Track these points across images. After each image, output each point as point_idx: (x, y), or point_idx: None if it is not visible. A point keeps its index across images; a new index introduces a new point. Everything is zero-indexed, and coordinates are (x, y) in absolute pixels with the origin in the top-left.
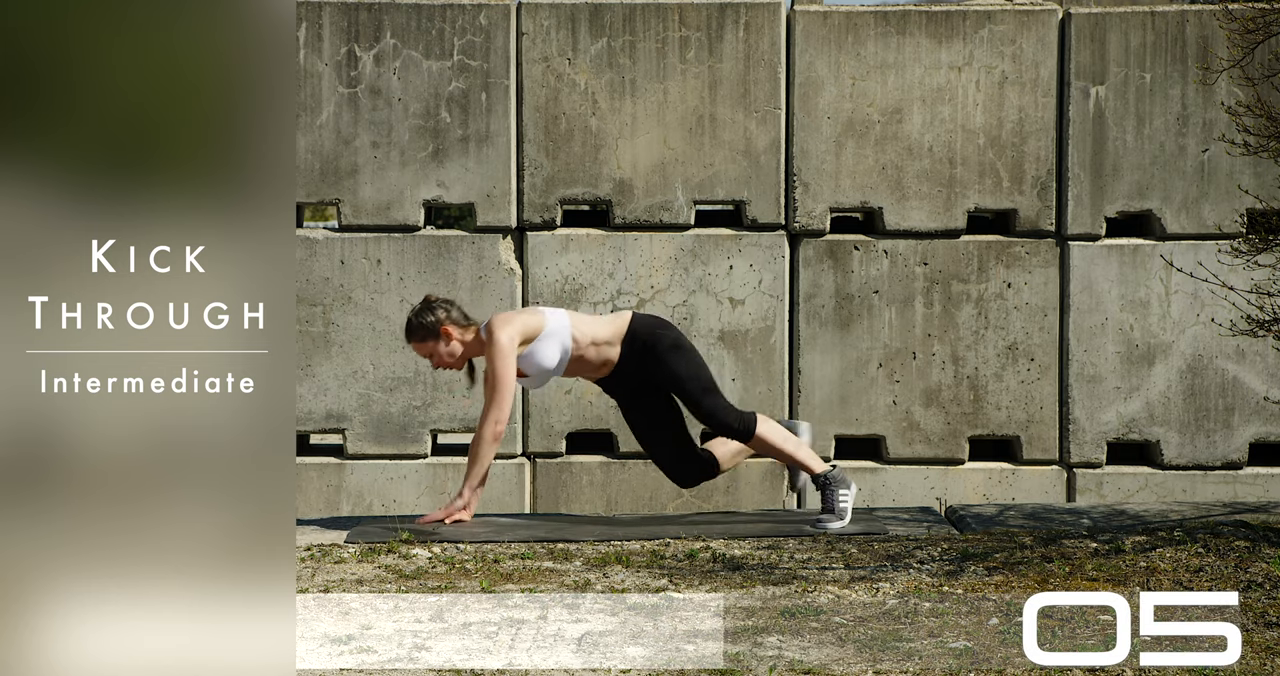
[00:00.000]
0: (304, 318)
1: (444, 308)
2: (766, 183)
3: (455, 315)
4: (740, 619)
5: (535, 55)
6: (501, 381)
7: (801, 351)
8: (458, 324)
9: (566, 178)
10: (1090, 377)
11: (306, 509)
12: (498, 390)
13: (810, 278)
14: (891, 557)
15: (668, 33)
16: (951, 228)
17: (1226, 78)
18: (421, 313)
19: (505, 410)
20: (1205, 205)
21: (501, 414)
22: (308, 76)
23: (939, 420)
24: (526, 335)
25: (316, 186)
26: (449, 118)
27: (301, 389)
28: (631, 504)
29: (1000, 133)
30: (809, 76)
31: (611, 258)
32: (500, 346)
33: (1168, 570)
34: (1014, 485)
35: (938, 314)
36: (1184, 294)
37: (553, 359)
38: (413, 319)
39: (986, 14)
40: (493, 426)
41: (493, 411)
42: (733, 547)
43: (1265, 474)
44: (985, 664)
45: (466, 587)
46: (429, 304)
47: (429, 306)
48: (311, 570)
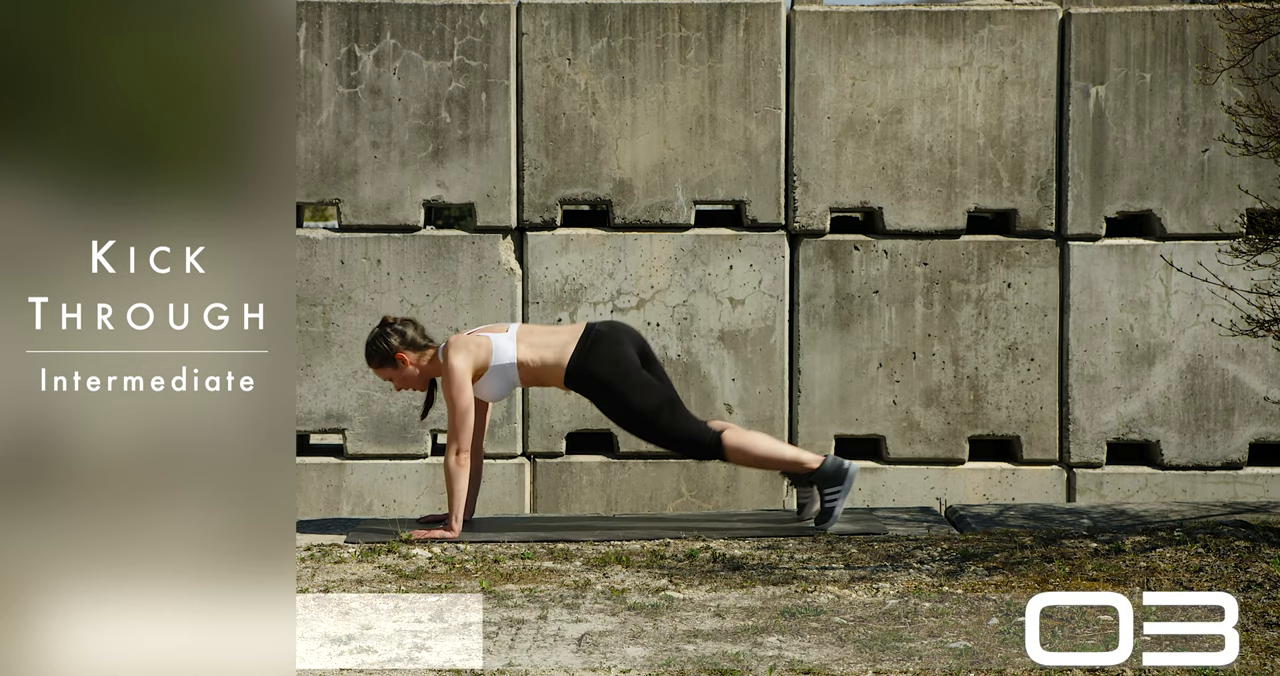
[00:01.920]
0: (304, 317)
1: (398, 333)
2: (766, 183)
3: (410, 338)
4: (740, 619)
5: (535, 55)
6: (455, 411)
7: (801, 351)
8: (414, 348)
9: (566, 178)
10: (1090, 377)
11: (306, 509)
12: (453, 418)
13: (810, 278)
14: (891, 557)
15: (668, 33)
16: (951, 228)
17: (1226, 78)
18: (376, 339)
19: (464, 439)
20: (1205, 205)
21: (461, 443)
22: (308, 76)
23: (939, 420)
24: (477, 367)
25: (316, 186)
26: (449, 118)
27: (301, 389)
28: (631, 504)
29: (1000, 133)
30: (809, 76)
31: (611, 258)
32: (454, 376)
33: (1168, 570)
34: (1014, 485)
35: (938, 314)
36: (1184, 294)
37: (501, 389)
38: (369, 344)
39: (986, 14)
40: (453, 456)
41: (451, 442)
42: (733, 547)
43: (1265, 474)
44: (985, 664)
45: (466, 587)
46: (384, 329)
47: (384, 332)
48: (311, 570)
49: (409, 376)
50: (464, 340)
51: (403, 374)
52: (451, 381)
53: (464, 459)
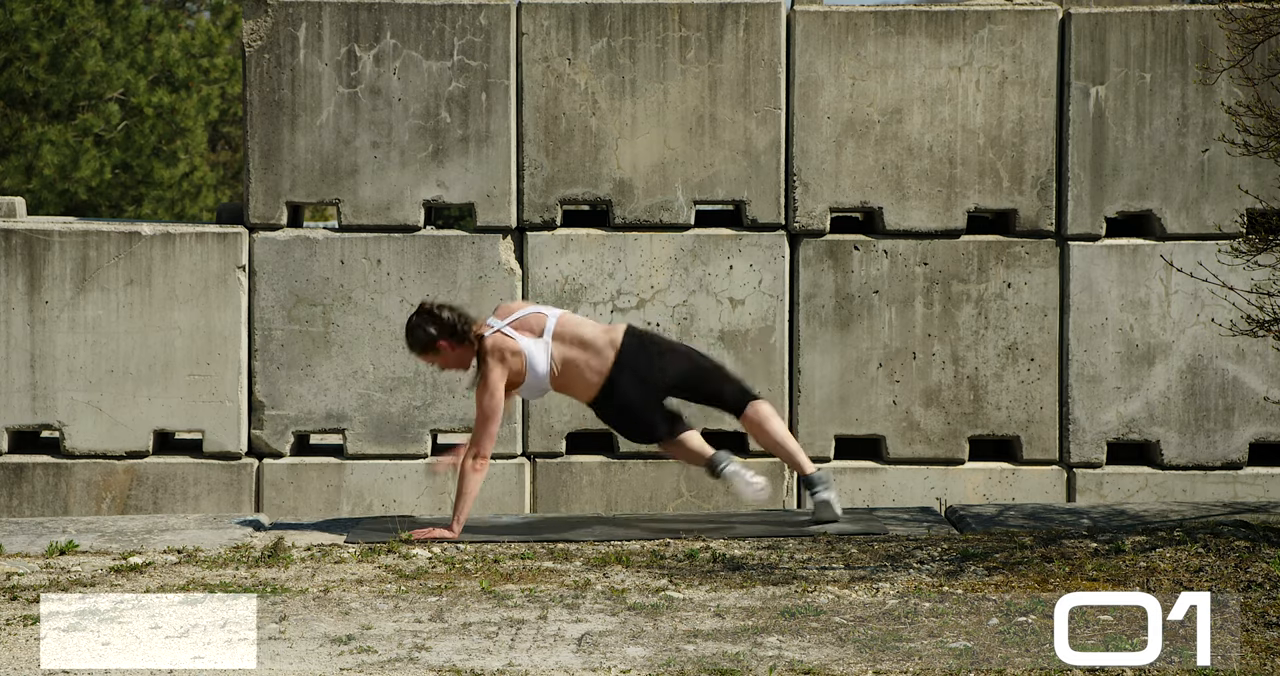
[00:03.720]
0: (304, 317)
1: (436, 322)
2: (766, 183)
3: (448, 322)
4: (740, 619)
5: (535, 55)
6: (487, 418)
7: (801, 351)
8: (452, 335)
9: (566, 178)
10: (1090, 377)
11: (306, 509)
12: (481, 425)
13: (810, 278)
14: (891, 557)
15: (668, 33)
16: (951, 228)
17: (1226, 78)
18: (417, 325)
19: (485, 445)
20: (1205, 205)
21: (482, 448)
22: (308, 76)
23: (939, 420)
24: (511, 380)
25: (316, 186)
26: (449, 118)
27: (301, 389)
28: (631, 504)
29: (1000, 133)
30: (809, 76)
31: (611, 258)
32: (490, 385)
33: (1168, 570)
34: (1014, 485)
35: (938, 314)
36: (1184, 294)
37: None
38: (409, 332)
39: (986, 14)
40: (471, 460)
41: (472, 445)
42: (733, 547)
43: (1265, 474)
44: (985, 664)
45: (466, 587)
46: (424, 315)
47: (424, 319)
48: (311, 570)
49: (450, 360)
50: (502, 346)
51: (445, 358)
52: (486, 388)
53: (481, 464)
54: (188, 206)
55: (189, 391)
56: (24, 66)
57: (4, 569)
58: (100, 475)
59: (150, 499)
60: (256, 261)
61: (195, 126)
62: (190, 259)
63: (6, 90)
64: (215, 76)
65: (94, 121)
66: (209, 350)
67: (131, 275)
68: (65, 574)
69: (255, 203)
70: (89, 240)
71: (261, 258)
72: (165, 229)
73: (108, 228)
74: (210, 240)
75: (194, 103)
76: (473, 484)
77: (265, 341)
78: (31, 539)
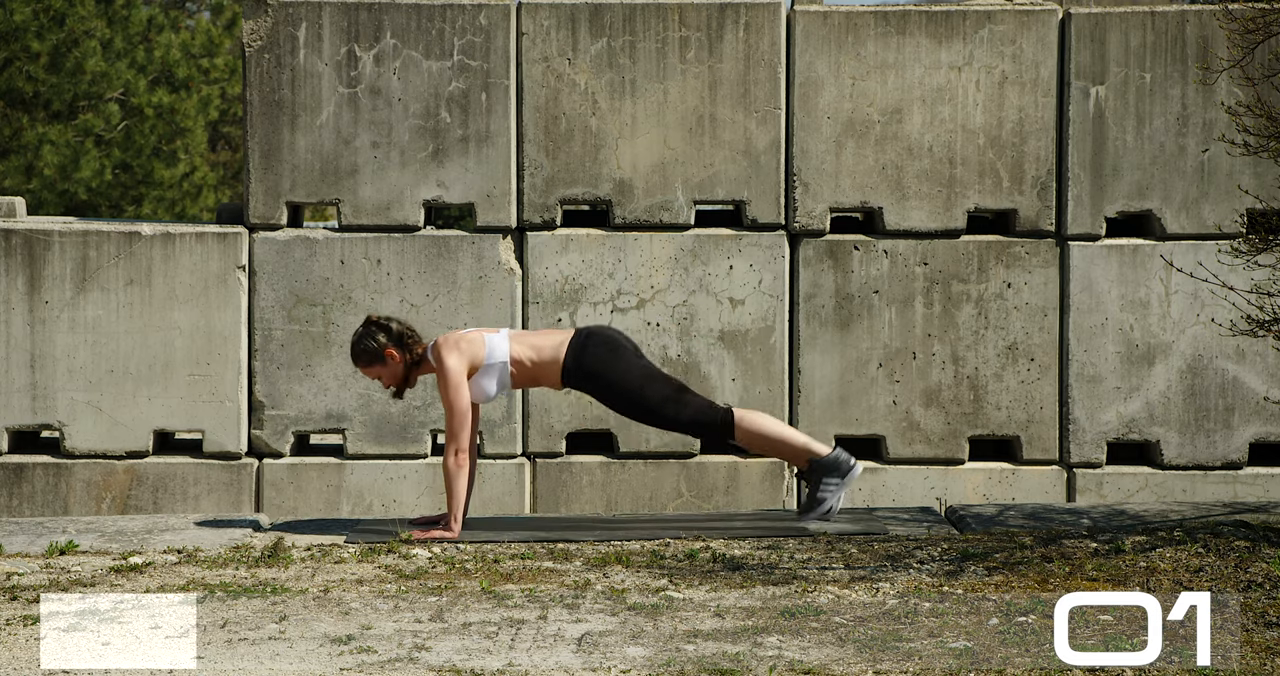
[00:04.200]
0: (304, 317)
1: (384, 331)
2: (766, 183)
3: (397, 332)
4: (740, 619)
5: (535, 55)
6: (453, 411)
7: (801, 351)
8: (400, 344)
9: (566, 178)
10: (1090, 377)
11: (307, 509)
12: (451, 419)
13: (810, 278)
14: (891, 557)
15: (668, 33)
16: (951, 228)
17: (1226, 78)
18: (364, 337)
19: (462, 439)
20: (1205, 205)
21: (460, 443)
22: (308, 76)
23: (939, 420)
24: (471, 365)
25: (316, 186)
26: (449, 118)
27: (301, 389)
28: (631, 504)
29: (1000, 133)
30: (809, 76)
31: (611, 258)
32: (450, 376)
33: (1168, 570)
34: (1014, 485)
35: (938, 314)
36: (1184, 294)
37: (493, 389)
38: (355, 344)
39: (986, 14)
40: (452, 457)
41: (450, 442)
42: (733, 547)
43: (1265, 474)
44: (985, 664)
45: (466, 587)
46: (370, 327)
47: (370, 330)
48: (311, 570)
49: (398, 373)
50: (455, 338)
51: (392, 370)
52: (448, 382)
53: (463, 459)
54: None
55: (189, 391)
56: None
57: (4, 569)
58: (100, 475)
59: (150, 499)
60: (256, 261)
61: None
62: (190, 259)
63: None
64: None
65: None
66: (209, 350)
67: (131, 275)
68: (65, 574)
69: (255, 203)
70: (89, 240)
71: (261, 258)
72: (165, 229)
73: (108, 228)
74: (210, 240)
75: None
76: (460, 480)
77: (265, 341)
78: (31, 539)
